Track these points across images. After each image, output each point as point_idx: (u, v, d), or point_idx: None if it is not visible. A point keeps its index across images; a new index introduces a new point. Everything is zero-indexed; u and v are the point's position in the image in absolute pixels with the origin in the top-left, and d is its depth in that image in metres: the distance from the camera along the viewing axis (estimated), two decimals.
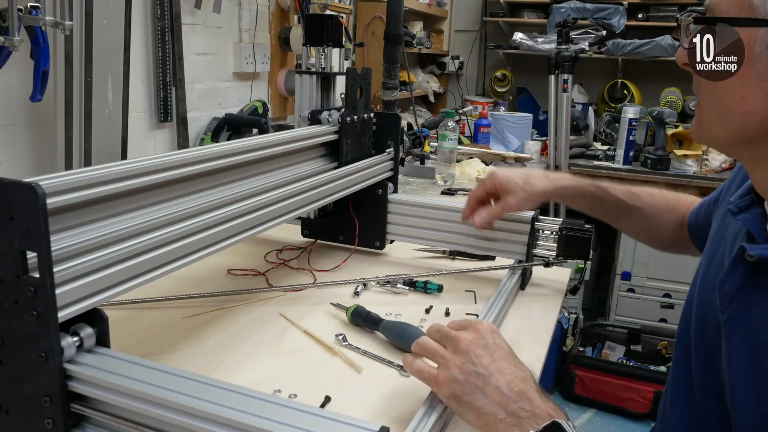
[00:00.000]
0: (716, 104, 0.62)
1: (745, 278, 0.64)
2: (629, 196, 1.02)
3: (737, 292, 0.65)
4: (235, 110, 2.04)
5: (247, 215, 0.83)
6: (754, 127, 0.59)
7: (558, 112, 2.71)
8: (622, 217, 1.04)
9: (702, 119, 0.65)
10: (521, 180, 1.02)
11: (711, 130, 0.64)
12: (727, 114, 0.61)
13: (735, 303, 0.65)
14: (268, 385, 0.78)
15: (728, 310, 0.65)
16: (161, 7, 1.66)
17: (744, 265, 0.64)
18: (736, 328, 0.64)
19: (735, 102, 0.59)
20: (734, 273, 0.65)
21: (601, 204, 1.03)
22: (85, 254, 0.60)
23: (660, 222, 1.02)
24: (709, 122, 0.64)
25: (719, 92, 0.61)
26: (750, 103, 0.58)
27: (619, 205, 1.02)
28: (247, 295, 1.04)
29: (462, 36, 4.16)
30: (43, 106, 1.30)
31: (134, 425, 0.56)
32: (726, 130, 0.62)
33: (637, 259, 3.02)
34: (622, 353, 2.86)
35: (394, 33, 2.16)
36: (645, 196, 1.02)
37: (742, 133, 0.60)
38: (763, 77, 0.57)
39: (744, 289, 0.64)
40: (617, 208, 1.03)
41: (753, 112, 0.58)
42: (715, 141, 0.65)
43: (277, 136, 0.97)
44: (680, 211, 1.01)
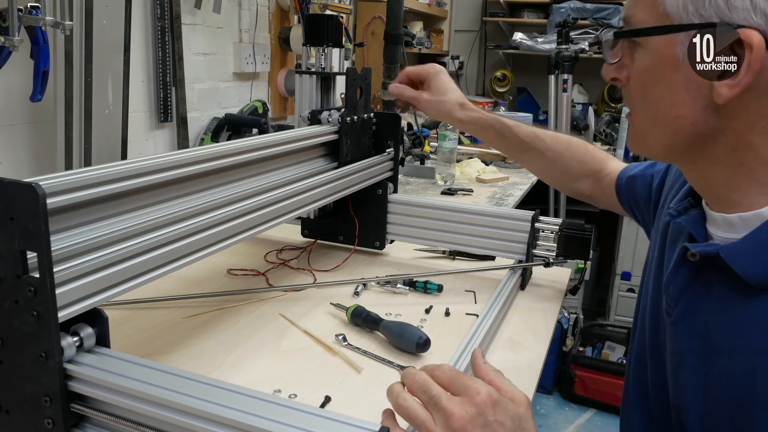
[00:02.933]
0: (649, 112, 0.62)
1: (688, 278, 0.64)
2: (531, 139, 1.06)
3: (682, 292, 0.65)
4: (235, 110, 2.04)
5: (247, 215, 0.83)
6: (686, 131, 0.59)
7: (558, 112, 2.72)
8: (524, 157, 1.10)
9: (636, 129, 0.65)
10: (443, 88, 1.11)
11: (647, 138, 0.64)
12: (660, 120, 0.61)
13: (681, 303, 0.65)
14: (268, 385, 0.78)
15: (674, 311, 0.65)
16: (161, 7, 1.66)
17: (687, 265, 0.64)
18: (683, 329, 0.64)
19: (666, 108, 0.59)
20: (678, 274, 0.65)
21: (502, 140, 1.08)
22: (85, 254, 0.60)
23: (563, 167, 1.06)
24: (644, 130, 0.64)
25: (650, 100, 0.61)
26: (680, 107, 0.58)
27: (521, 145, 1.07)
28: (247, 295, 1.04)
29: (462, 36, 4.16)
30: (43, 106, 1.30)
31: (134, 425, 0.56)
32: (661, 135, 0.62)
33: (637, 259, 3.02)
34: (622, 353, 2.86)
35: (394, 33, 2.16)
36: (549, 140, 1.06)
37: (676, 138, 0.60)
38: (689, 81, 0.57)
39: (688, 289, 0.64)
40: (519, 147, 1.08)
41: (684, 116, 0.58)
42: (651, 149, 0.65)
43: (277, 136, 0.97)
44: (591, 165, 1.05)
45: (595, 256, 3.41)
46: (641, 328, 0.77)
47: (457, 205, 1.19)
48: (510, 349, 0.92)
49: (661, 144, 0.63)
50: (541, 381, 0.87)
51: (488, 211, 1.15)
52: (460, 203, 1.20)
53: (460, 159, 2.45)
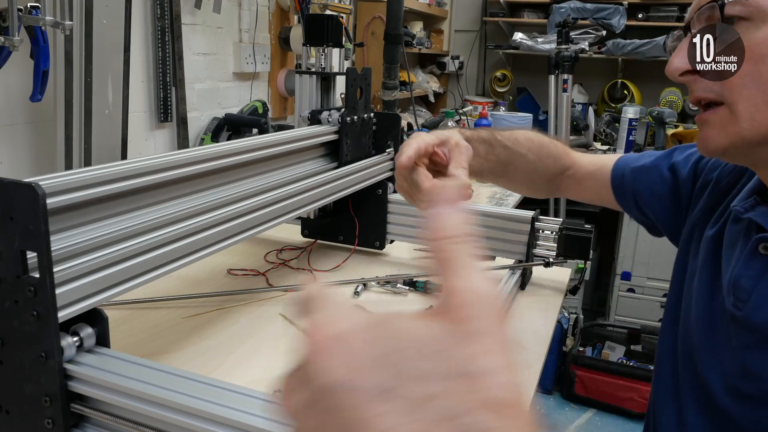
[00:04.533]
0: (763, 89, 0.59)
1: (762, 271, 0.65)
2: (512, 142, 0.96)
3: (756, 284, 0.65)
4: (235, 110, 2.04)
5: (247, 215, 0.83)
6: None
7: (558, 112, 2.71)
8: (510, 169, 0.97)
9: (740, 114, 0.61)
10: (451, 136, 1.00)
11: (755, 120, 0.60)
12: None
13: (755, 296, 0.65)
14: (268, 385, 0.77)
15: (747, 305, 0.66)
16: (161, 7, 1.66)
17: (760, 258, 0.65)
18: (761, 320, 0.65)
19: None
20: (750, 267, 0.66)
21: (491, 152, 0.94)
22: (85, 254, 0.60)
23: (541, 169, 0.98)
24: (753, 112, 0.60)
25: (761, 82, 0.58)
26: None
27: (507, 153, 0.95)
28: (247, 295, 1.04)
29: (462, 36, 4.16)
30: (43, 106, 1.30)
31: (134, 425, 0.56)
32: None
33: (637, 259, 3.02)
34: (622, 353, 2.86)
35: (394, 33, 2.16)
36: (524, 140, 0.96)
37: None
38: None
39: (763, 280, 0.65)
40: (505, 157, 0.95)
41: None
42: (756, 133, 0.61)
43: (277, 136, 0.97)
44: (563, 160, 0.98)
45: (595, 256, 3.41)
46: (685, 329, 0.77)
47: None
48: None
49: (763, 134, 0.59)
50: (541, 381, 0.87)
51: (488, 211, 1.15)
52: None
53: None
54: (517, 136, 0.97)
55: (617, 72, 3.72)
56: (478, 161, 0.91)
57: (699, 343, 0.74)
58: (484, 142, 0.93)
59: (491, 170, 0.94)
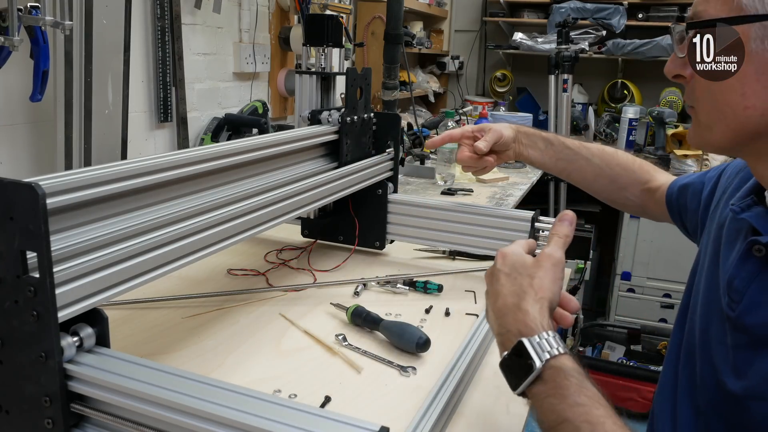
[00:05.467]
0: (716, 105, 0.63)
1: (754, 273, 0.65)
2: (578, 146, 1.08)
3: (748, 286, 0.66)
4: (235, 110, 2.04)
5: (247, 215, 0.83)
6: (755, 122, 0.61)
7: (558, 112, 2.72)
8: (571, 167, 1.09)
9: (701, 123, 0.67)
10: (492, 125, 1.10)
11: (712, 132, 0.65)
12: (728, 112, 0.62)
13: (746, 297, 0.66)
14: (268, 385, 0.78)
15: (739, 306, 0.67)
16: (161, 7, 1.66)
17: (752, 260, 0.66)
18: (752, 321, 0.65)
19: (736, 99, 0.61)
20: (743, 269, 0.67)
21: (551, 148, 1.08)
22: (85, 254, 0.60)
23: (610, 174, 1.06)
24: (709, 124, 0.65)
25: (718, 92, 0.62)
26: (750, 98, 0.60)
27: (567, 153, 1.08)
28: (247, 295, 1.04)
29: (462, 36, 4.16)
30: (43, 106, 1.30)
31: (134, 425, 0.56)
32: (728, 129, 0.63)
33: (637, 259, 3.02)
34: (622, 353, 2.86)
35: (394, 33, 2.16)
36: (595, 149, 1.08)
37: (744, 130, 0.62)
38: (761, 72, 0.58)
39: (755, 282, 0.65)
40: (566, 155, 1.08)
41: (754, 107, 0.60)
42: (717, 143, 0.66)
43: (277, 136, 0.97)
44: (639, 175, 1.05)
45: (595, 256, 3.41)
46: (691, 326, 0.78)
47: (457, 205, 1.19)
48: None
49: (727, 136, 0.64)
50: None
51: (488, 211, 1.15)
52: (460, 203, 1.20)
53: None
54: (588, 144, 1.08)
55: (617, 72, 3.72)
56: (536, 153, 1.09)
57: (699, 340, 0.75)
58: (545, 139, 1.09)
59: (553, 165, 1.09)
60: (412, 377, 0.82)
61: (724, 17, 0.60)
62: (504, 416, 0.75)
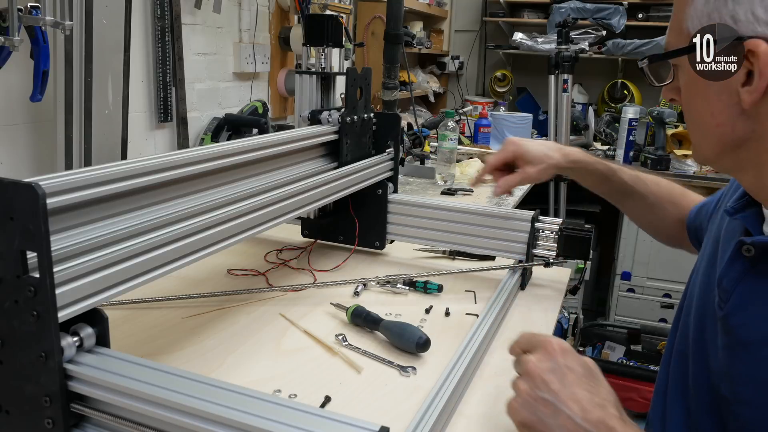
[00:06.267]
0: (695, 124, 0.68)
1: (742, 272, 0.66)
2: (635, 181, 1.05)
3: (735, 286, 0.67)
4: (235, 110, 2.04)
5: (247, 215, 0.83)
6: (728, 137, 0.64)
7: (558, 112, 2.71)
8: (626, 201, 1.08)
9: (694, 142, 0.71)
10: (540, 152, 1.05)
11: (701, 149, 0.69)
12: (705, 130, 0.66)
13: (734, 297, 0.67)
14: (268, 385, 0.78)
15: (726, 305, 0.67)
16: (161, 7, 1.66)
17: (742, 260, 0.66)
18: (736, 322, 0.66)
19: (707, 118, 0.65)
20: (732, 268, 0.67)
21: (607, 183, 1.06)
22: (85, 254, 0.60)
23: (661, 213, 1.04)
24: (698, 142, 0.69)
25: (694, 114, 0.67)
26: (717, 116, 0.63)
27: (624, 188, 1.05)
28: (247, 295, 1.04)
29: (462, 36, 4.16)
30: (43, 106, 1.30)
31: (134, 425, 0.56)
32: (709, 145, 0.67)
33: (637, 259, 3.02)
34: (622, 353, 2.86)
35: (394, 33, 2.16)
36: (651, 183, 1.05)
37: (721, 144, 0.65)
38: (719, 92, 0.62)
39: (742, 282, 0.66)
40: (622, 190, 1.06)
41: (723, 124, 0.63)
42: (705, 157, 0.70)
43: (277, 136, 0.97)
44: (682, 206, 1.02)
45: (595, 256, 3.41)
46: (684, 327, 0.79)
47: (457, 205, 1.18)
48: None
49: (712, 152, 0.67)
50: None
51: (488, 211, 1.15)
52: (460, 203, 1.20)
53: (460, 159, 2.45)
54: (644, 178, 1.05)
55: (617, 72, 3.72)
56: (584, 183, 1.08)
57: (693, 341, 0.75)
58: (600, 174, 1.06)
59: (604, 195, 1.09)
60: (412, 377, 0.82)
61: (677, 48, 0.65)
62: (504, 416, 0.75)
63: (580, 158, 1.06)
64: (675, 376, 0.79)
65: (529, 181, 1.06)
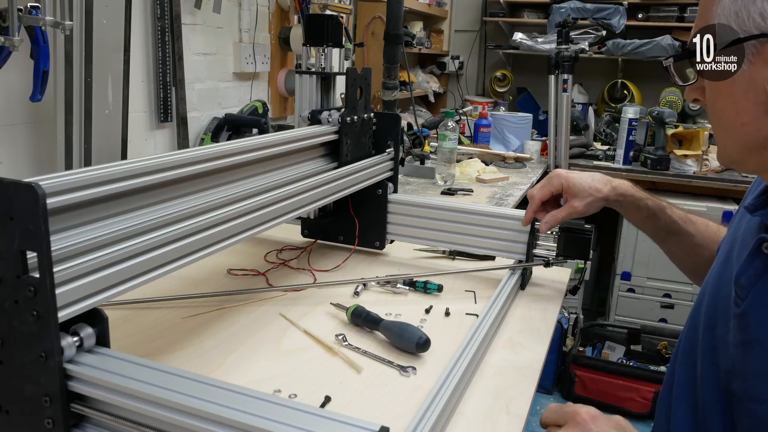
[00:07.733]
0: (720, 124, 0.67)
1: (762, 270, 0.66)
2: (684, 220, 1.01)
3: (754, 284, 0.66)
4: (235, 110, 2.04)
5: (247, 215, 0.83)
6: (754, 137, 0.63)
7: (558, 112, 2.71)
8: (671, 239, 1.02)
9: (718, 143, 0.70)
10: (588, 185, 1.02)
11: (726, 149, 0.68)
12: (730, 130, 0.65)
13: (752, 295, 0.66)
14: (268, 385, 0.78)
15: (744, 302, 0.67)
16: (161, 7, 1.66)
17: (761, 257, 0.66)
18: (753, 319, 0.66)
19: (732, 117, 0.64)
20: (751, 266, 0.67)
21: (654, 220, 1.02)
22: (85, 254, 0.60)
23: (707, 254, 0.99)
24: (722, 142, 0.68)
25: (719, 113, 0.66)
26: (743, 115, 0.63)
27: (673, 226, 1.01)
28: (247, 295, 1.04)
29: (462, 36, 4.16)
30: (43, 106, 1.30)
31: (134, 425, 0.56)
32: (734, 144, 0.66)
33: (637, 259, 3.02)
34: (622, 353, 2.86)
35: (394, 33, 2.16)
36: (701, 224, 1.01)
37: (746, 144, 0.64)
38: (746, 89, 0.61)
39: (761, 280, 0.66)
40: (670, 228, 1.01)
41: (749, 123, 0.63)
42: (729, 158, 0.69)
43: (277, 136, 0.97)
44: None
45: (595, 256, 3.41)
46: (692, 326, 0.79)
47: (457, 205, 1.19)
48: (510, 349, 0.92)
49: (737, 153, 0.67)
50: (541, 381, 0.87)
51: (488, 211, 1.15)
52: (460, 203, 1.20)
53: (460, 159, 2.46)
54: (694, 218, 1.01)
55: (617, 72, 3.72)
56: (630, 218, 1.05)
57: (702, 337, 0.75)
58: (648, 210, 1.01)
59: (650, 233, 1.05)
60: (412, 377, 0.82)
61: None
62: (504, 416, 0.75)
63: (628, 192, 1.02)
64: (682, 371, 0.79)
65: (576, 215, 1.03)
